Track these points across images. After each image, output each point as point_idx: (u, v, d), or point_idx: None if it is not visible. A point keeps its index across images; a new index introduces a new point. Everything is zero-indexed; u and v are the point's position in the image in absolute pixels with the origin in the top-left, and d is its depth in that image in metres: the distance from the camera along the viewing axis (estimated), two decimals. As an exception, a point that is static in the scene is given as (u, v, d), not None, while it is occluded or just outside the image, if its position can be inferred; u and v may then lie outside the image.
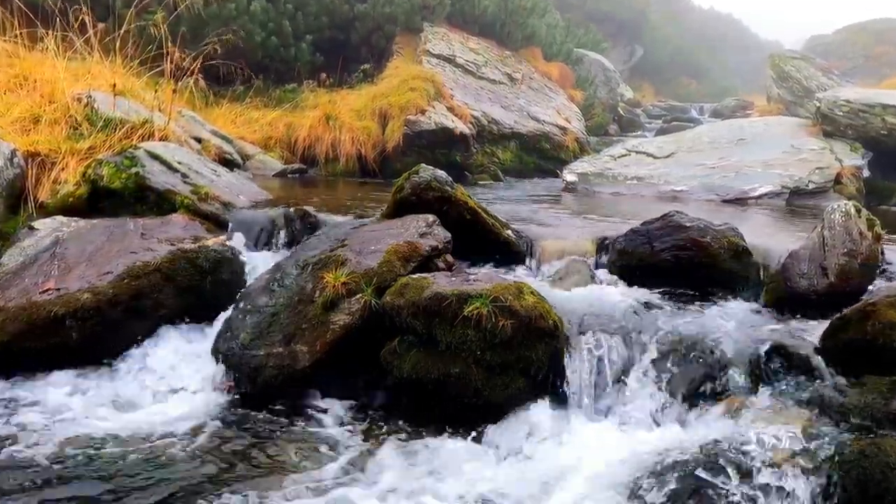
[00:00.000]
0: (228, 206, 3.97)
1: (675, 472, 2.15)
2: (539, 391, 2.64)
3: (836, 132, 6.99)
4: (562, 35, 12.52)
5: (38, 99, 4.63)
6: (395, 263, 3.00)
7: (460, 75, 8.75)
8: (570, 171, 6.88)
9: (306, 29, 8.41)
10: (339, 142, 6.85)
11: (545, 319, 2.64)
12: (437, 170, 3.51)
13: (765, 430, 2.19)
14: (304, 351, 2.78)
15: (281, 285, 3.10)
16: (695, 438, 2.30)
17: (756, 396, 2.43)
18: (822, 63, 12.76)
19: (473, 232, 3.44)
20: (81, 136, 4.43)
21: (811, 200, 5.96)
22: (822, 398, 2.31)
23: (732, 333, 2.66)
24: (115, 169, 3.89)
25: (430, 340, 2.68)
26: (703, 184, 6.15)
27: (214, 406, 2.78)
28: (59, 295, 3.00)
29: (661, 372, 2.57)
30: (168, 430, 2.58)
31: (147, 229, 3.48)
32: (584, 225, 4.06)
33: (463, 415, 2.62)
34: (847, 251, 2.91)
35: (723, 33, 26.45)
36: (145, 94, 5.34)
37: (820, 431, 2.16)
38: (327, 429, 2.64)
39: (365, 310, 2.82)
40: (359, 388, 2.87)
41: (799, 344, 2.56)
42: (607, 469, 2.28)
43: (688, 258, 3.14)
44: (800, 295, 2.92)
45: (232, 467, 2.34)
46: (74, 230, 3.56)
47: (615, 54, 18.01)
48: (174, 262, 3.21)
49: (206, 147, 5.36)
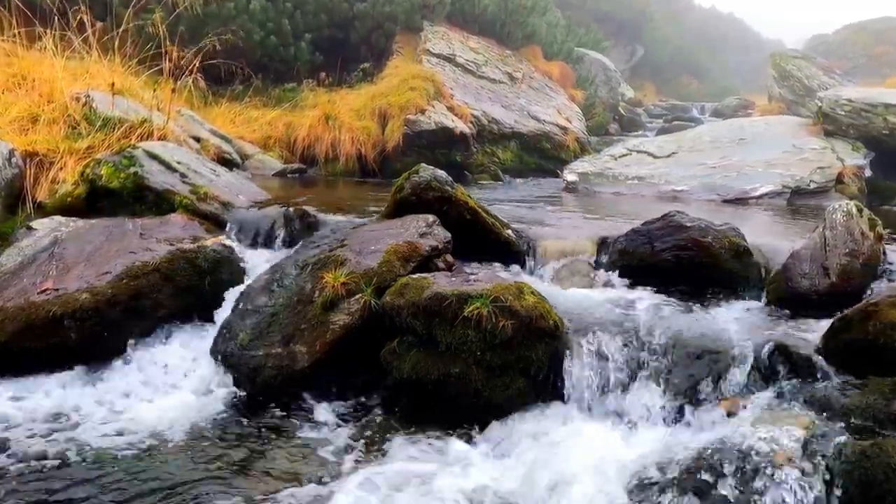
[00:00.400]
0: (227, 206, 3.97)
1: (677, 473, 2.15)
2: (540, 392, 2.65)
3: (837, 132, 6.98)
4: (562, 34, 12.52)
5: (36, 98, 4.64)
6: (395, 263, 3.00)
7: (460, 74, 8.76)
8: (570, 170, 6.88)
9: (305, 28, 8.41)
10: (338, 141, 6.85)
11: (546, 320, 2.64)
12: (437, 169, 3.51)
13: (766, 431, 2.19)
14: (303, 351, 2.78)
15: (280, 285, 3.10)
16: (696, 439, 2.30)
17: (757, 397, 2.43)
18: (824, 62, 12.76)
19: (473, 232, 3.44)
20: (80, 135, 4.43)
21: (812, 200, 5.96)
22: (824, 399, 2.31)
23: (734, 334, 2.66)
24: (113, 168, 3.89)
25: (430, 341, 2.68)
26: (704, 183, 6.15)
27: (213, 407, 2.78)
28: (58, 295, 3.01)
29: (662, 372, 2.57)
30: (166, 430, 2.58)
31: (146, 229, 3.49)
32: (585, 225, 4.06)
33: (463, 416, 2.62)
34: (849, 251, 2.92)
35: (724, 32, 26.46)
36: (144, 93, 5.35)
37: (822, 432, 2.16)
38: (326, 430, 2.64)
39: (364, 310, 2.82)
40: (358, 389, 2.87)
41: (800, 344, 2.56)
42: (609, 470, 2.28)
43: (689, 258, 3.14)
44: (801, 295, 2.92)
45: (229, 469, 2.34)
46: (73, 230, 3.56)
47: (616, 53, 18.01)
48: (173, 262, 3.22)
49: (205, 147, 5.36)
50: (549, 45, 11.37)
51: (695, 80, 22.03)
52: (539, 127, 8.66)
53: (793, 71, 11.89)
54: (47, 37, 5.16)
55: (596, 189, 6.45)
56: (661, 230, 3.24)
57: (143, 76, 5.68)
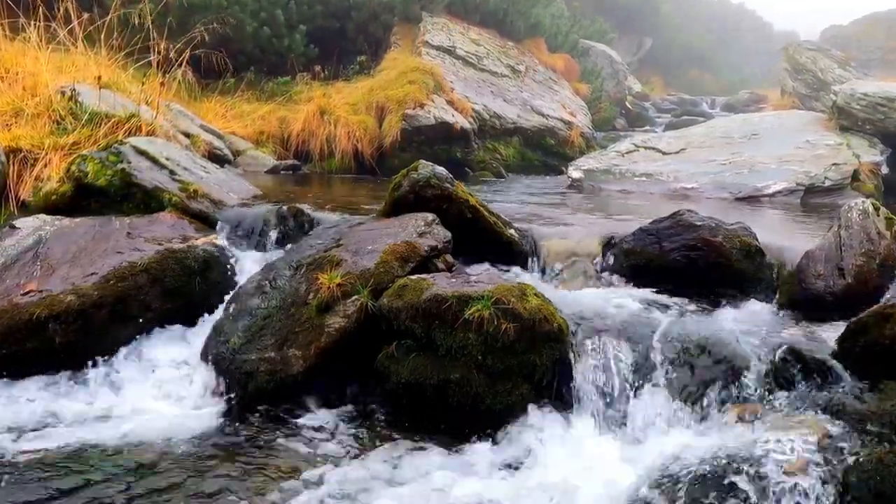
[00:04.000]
0: (218, 204, 3.97)
1: (687, 482, 2.15)
2: (544, 398, 2.64)
3: (853, 127, 6.99)
4: (567, 25, 12.52)
5: (19, 92, 4.64)
6: (393, 264, 3.00)
7: (461, 67, 8.76)
8: (575, 167, 6.89)
9: (300, 19, 8.42)
10: (334, 137, 6.86)
11: (550, 322, 2.64)
12: (436, 166, 3.51)
13: (779, 438, 2.19)
14: (297, 356, 2.78)
15: (273, 287, 3.10)
16: (707, 447, 2.30)
17: (770, 402, 2.43)
18: (839, 55, 12.75)
19: (475, 231, 3.44)
20: (65, 130, 4.44)
21: (827, 198, 5.97)
22: (839, 404, 2.30)
23: (745, 337, 2.66)
24: (100, 165, 3.89)
25: (429, 345, 2.68)
26: (715, 181, 6.15)
27: (202, 413, 2.78)
28: (42, 297, 3.01)
29: (671, 377, 2.57)
30: (152, 438, 2.57)
31: (133, 228, 3.49)
32: (591, 224, 4.06)
33: (463, 423, 2.62)
34: (865, 251, 2.92)
35: (735, 24, 26.46)
36: (131, 87, 5.35)
37: (836, 439, 2.16)
38: (320, 438, 2.63)
39: (361, 312, 2.82)
40: (354, 395, 2.87)
41: (815, 348, 2.56)
42: (615, 480, 2.28)
43: (699, 258, 3.14)
44: (816, 297, 2.92)
45: (217, 479, 2.34)
46: (58, 229, 3.56)
47: (623, 45, 18.03)
48: (162, 262, 3.22)
49: (195, 142, 5.37)
50: (553, 36, 11.37)
51: (705, 74, 22.05)
52: (542, 122, 8.67)
53: (807, 64, 11.89)
54: (31, 28, 5.16)
55: (602, 186, 6.45)
56: (669, 229, 3.24)
57: (130, 69, 5.68)
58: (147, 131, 4.65)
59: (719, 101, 16.00)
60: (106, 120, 4.53)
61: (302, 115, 6.97)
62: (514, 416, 2.60)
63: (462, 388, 2.60)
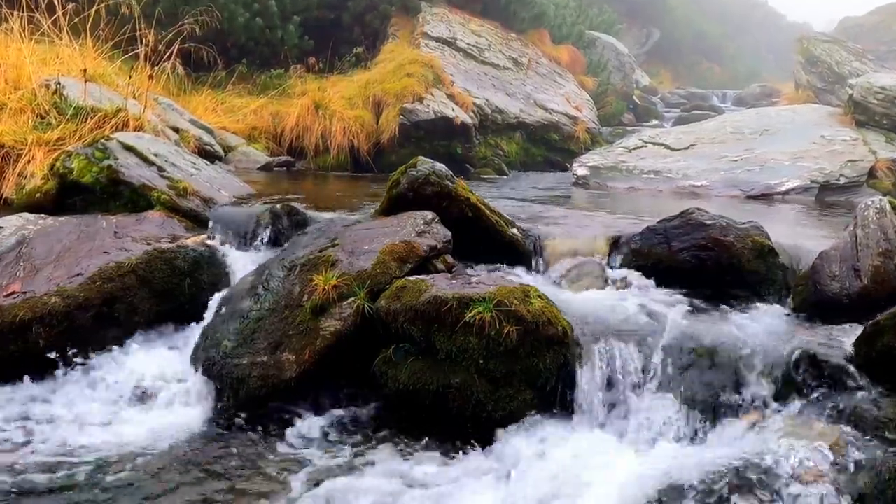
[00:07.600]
0: (209, 202, 3.98)
1: (696, 491, 2.15)
2: (547, 404, 2.64)
3: (870, 121, 6.99)
4: (572, 16, 12.53)
5: (1, 85, 4.64)
6: (391, 265, 3.00)
7: (461, 60, 8.76)
8: (580, 163, 6.90)
9: (293, 9, 8.42)
10: (329, 132, 6.86)
11: (554, 325, 2.64)
12: (435, 163, 3.51)
13: (792, 446, 2.19)
14: (291, 360, 2.78)
15: (266, 288, 3.10)
16: (716, 455, 2.30)
17: (783, 409, 2.43)
18: (855, 47, 12.75)
19: (476, 230, 3.45)
20: (49, 125, 4.44)
21: (843, 196, 5.98)
22: (855, 411, 2.31)
23: (757, 340, 2.66)
24: (85, 161, 3.89)
25: (428, 349, 2.68)
26: (726, 178, 6.16)
27: (192, 419, 2.78)
28: (25, 298, 3.01)
29: (680, 383, 2.57)
30: (140, 445, 2.58)
31: (121, 227, 3.49)
32: (596, 222, 4.05)
33: (464, 430, 2.62)
34: (882, 251, 2.91)
35: (747, 14, 26.45)
36: (118, 79, 5.36)
37: (853, 447, 2.16)
38: (315, 445, 2.64)
39: (357, 315, 2.82)
40: (350, 401, 2.87)
41: (830, 352, 2.56)
42: (621, 489, 2.27)
43: (709, 259, 3.14)
44: (830, 299, 2.92)
45: (207, 488, 2.34)
46: (42, 228, 3.56)
47: (630, 37, 18.02)
48: (150, 262, 3.22)
49: (185, 138, 5.37)
50: (557, 27, 11.38)
51: (715, 66, 22.03)
52: (546, 116, 8.67)
53: (821, 56, 11.89)
54: (14, 19, 5.16)
55: (608, 184, 6.46)
56: (678, 228, 3.24)
57: (117, 61, 5.68)
58: (135, 126, 4.65)
59: (730, 94, 16.00)
60: (92, 114, 4.53)
61: (296, 110, 6.98)
62: (516, 423, 2.60)
63: (463, 394, 2.60)
